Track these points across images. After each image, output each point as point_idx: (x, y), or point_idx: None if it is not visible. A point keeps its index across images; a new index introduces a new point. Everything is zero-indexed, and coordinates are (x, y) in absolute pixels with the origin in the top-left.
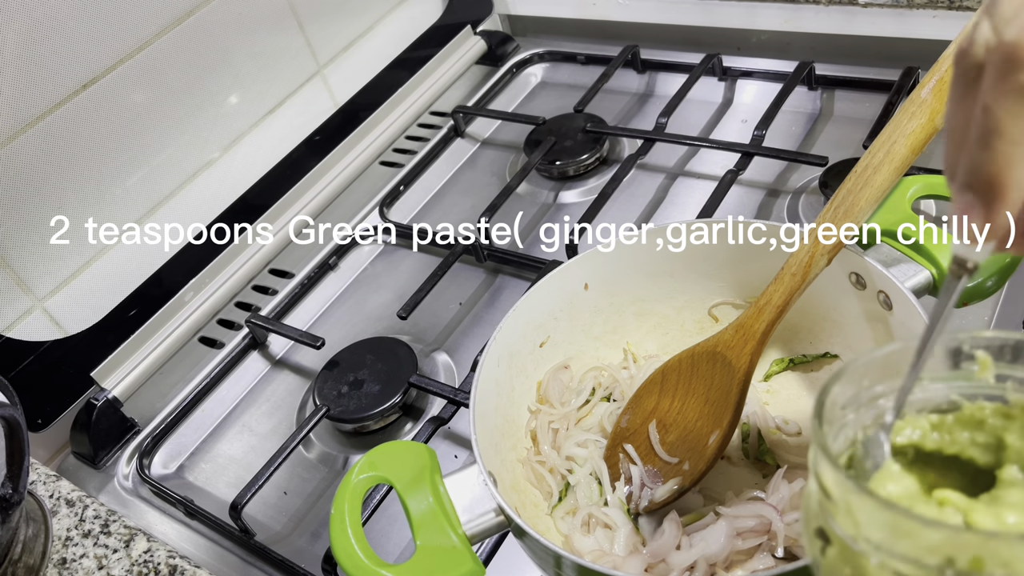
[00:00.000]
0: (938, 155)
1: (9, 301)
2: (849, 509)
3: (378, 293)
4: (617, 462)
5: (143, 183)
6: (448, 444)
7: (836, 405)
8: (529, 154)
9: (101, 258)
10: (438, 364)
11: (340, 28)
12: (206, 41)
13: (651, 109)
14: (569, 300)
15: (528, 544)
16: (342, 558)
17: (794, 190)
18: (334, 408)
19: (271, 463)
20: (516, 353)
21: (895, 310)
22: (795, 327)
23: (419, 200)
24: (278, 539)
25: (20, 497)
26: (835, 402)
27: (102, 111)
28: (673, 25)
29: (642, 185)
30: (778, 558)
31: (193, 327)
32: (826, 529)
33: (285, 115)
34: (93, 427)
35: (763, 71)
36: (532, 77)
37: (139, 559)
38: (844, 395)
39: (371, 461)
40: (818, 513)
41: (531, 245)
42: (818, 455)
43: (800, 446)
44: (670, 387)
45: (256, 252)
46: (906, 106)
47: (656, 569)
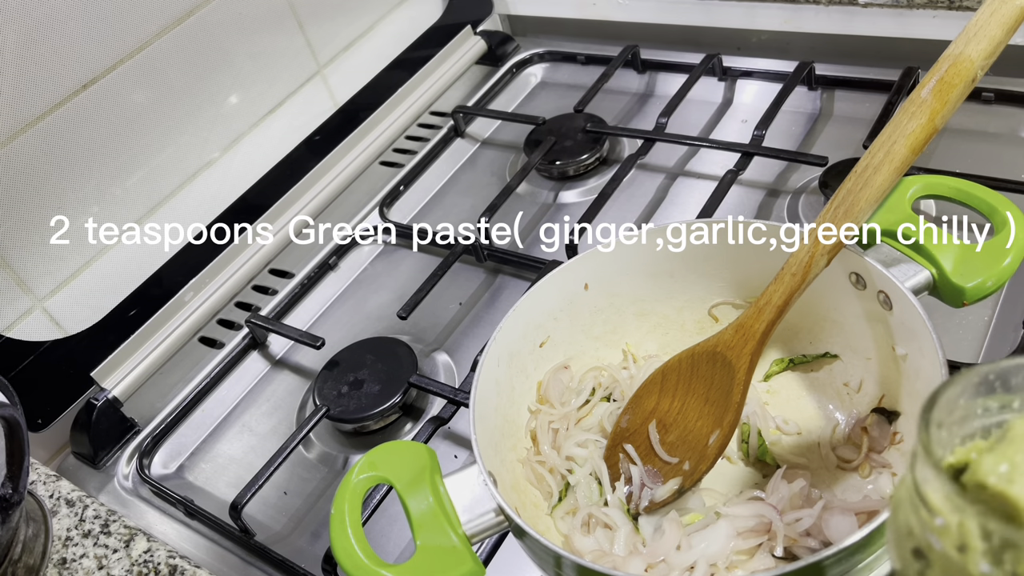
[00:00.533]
0: (938, 155)
1: (9, 301)
2: (963, 528)
3: (378, 293)
4: (617, 462)
5: (143, 183)
6: (448, 444)
7: (950, 410)
8: (529, 154)
9: (101, 258)
10: (438, 364)
11: (340, 28)
12: (206, 41)
13: (651, 109)
14: (569, 300)
15: (528, 544)
16: (342, 558)
17: (794, 190)
18: (334, 408)
19: (271, 463)
20: (516, 353)
21: (895, 310)
22: (795, 327)
23: (419, 200)
24: (278, 539)
25: (20, 497)
26: (951, 405)
27: (102, 111)
28: (673, 25)
29: (642, 185)
30: (778, 558)
31: (193, 327)
32: (925, 548)
33: (285, 115)
34: (93, 427)
35: (763, 71)
36: (532, 77)
37: (139, 559)
38: (959, 401)
39: (371, 461)
40: (916, 532)
41: (531, 245)
42: (925, 467)
43: (800, 446)
44: (670, 387)
45: (256, 252)
46: (906, 106)
47: (656, 569)
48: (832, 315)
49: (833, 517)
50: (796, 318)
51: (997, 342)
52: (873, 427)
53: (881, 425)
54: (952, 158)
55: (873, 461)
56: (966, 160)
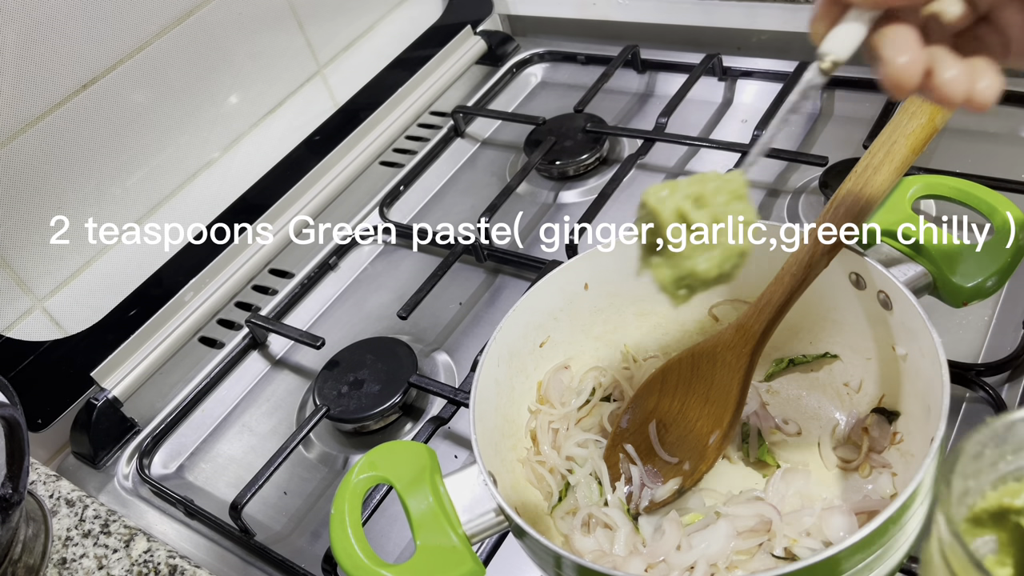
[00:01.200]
0: (938, 155)
1: (9, 301)
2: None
3: (378, 293)
4: (617, 462)
5: (143, 183)
6: (448, 444)
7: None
8: (529, 154)
9: (101, 258)
10: (438, 364)
11: (340, 28)
12: (206, 41)
13: (651, 109)
14: (569, 300)
15: (528, 544)
16: (342, 558)
17: (794, 190)
18: (334, 408)
19: (271, 463)
20: (516, 353)
21: (895, 310)
22: (795, 327)
23: (419, 200)
24: (278, 539)
25: (20, 497)
26: (976, 455)
27: (102, 111)
28: (673, 25)
29: (642, 185)
30: (777, 557)
31: (193, 327)
32: None
33: (285, 115)
34: (93, 427)
35: (763, 71)
36: (532, 77)
37: (139, 559)
38: (979, 458)
39: (371, 461)
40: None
41: (531, 245)
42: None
43: (799, 446)
44: (670, 387)
45: (256, 252)
46: (906, 106)
47: (656, 569)
48: (832, 315)
49: (833, 517)
50: (796, 318)
51: (997, 342)
52: (873, 427)
53: (881, 425)
54: (952, 158)
55: (873, 461)
56: (966, 160)
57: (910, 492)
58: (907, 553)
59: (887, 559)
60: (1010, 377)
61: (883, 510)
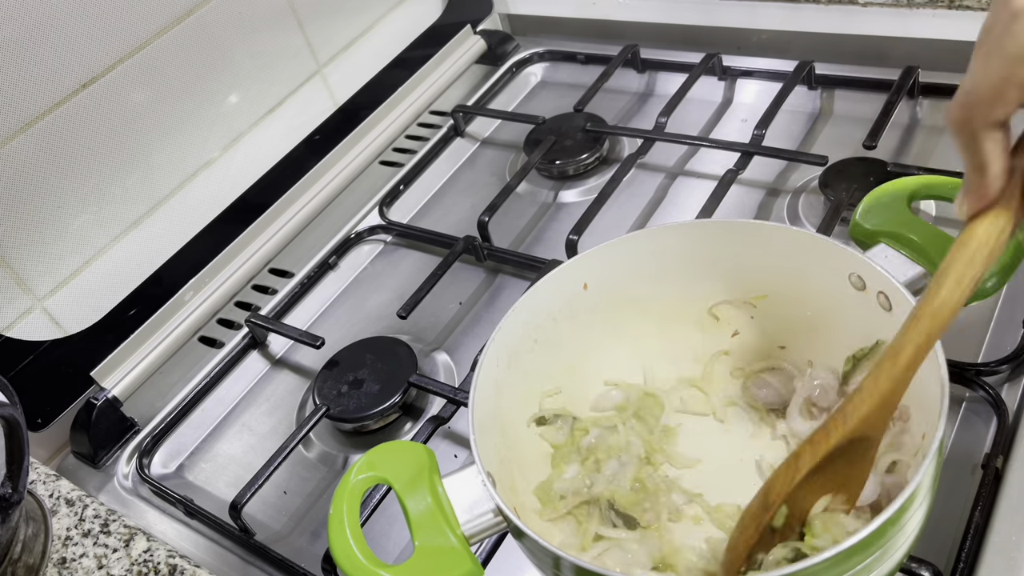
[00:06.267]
0: (938, 155)
1: (9, 301)
2: None
3: (378, 293)
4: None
5: (143, 182)
6: (448, 444)
7: None
8: (529, 154)
9: (101, 258)
10: (438, 364)
11: (340, 28)
12: (206, 41)
13: (651, 109)
14: (568, 300)
15: (527, 545)
16: (340, 558)
17: (794, 190)
18: (334, 408)
19: (271, 463)
20: (516, 353)
21: (895, 310)
22: (794, 327)
23: (419, 199)
24: (278, 539)
25: (20, 497)
26: None
27: (102, 111)
28: (673, 25)
29: (642, 185)
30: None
31: (193, 327)
32: None
33: (285, 115)
34: (93, 427)
35: (763, 71)
36: (532, 77)
37: (139, 559)
38: None
39: (370, 461)
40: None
41: (531, 245)
42: None
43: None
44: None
45: (256, 252)
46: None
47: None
48: (831, 316)
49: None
50: (794, 318)
51: (997, 341)
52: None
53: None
54: (952, 158)
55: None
56: None
57: (909, 492)
58: (906, 553)
59: (886, 560)
60: (1010, 376)
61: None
